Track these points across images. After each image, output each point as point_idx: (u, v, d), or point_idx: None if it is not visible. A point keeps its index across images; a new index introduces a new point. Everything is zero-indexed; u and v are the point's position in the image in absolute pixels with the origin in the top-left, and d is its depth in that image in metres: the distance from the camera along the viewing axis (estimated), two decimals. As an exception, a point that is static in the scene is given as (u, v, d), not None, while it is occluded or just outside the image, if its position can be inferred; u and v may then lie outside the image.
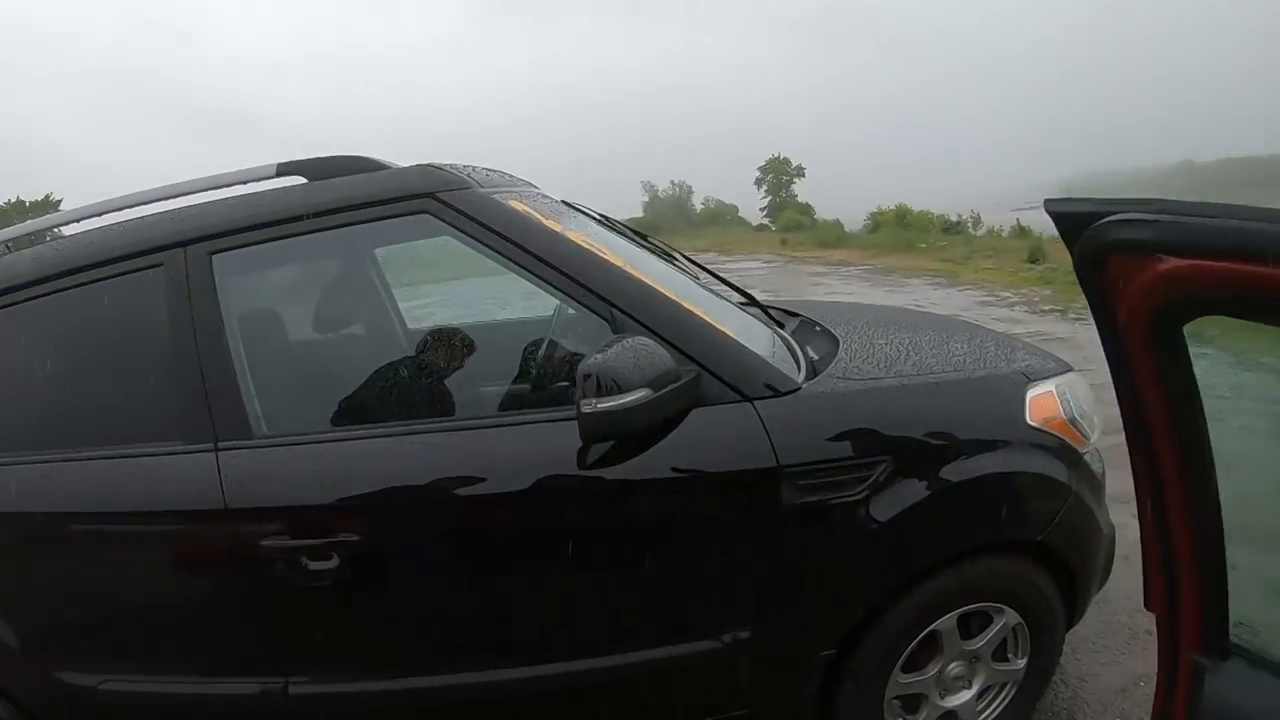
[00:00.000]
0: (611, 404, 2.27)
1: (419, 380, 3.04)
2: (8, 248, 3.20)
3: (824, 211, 52.53)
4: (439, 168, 2.76)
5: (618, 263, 2.70)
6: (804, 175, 72.99)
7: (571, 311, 2.89)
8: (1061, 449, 2.85)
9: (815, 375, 2.78)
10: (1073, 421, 2.91)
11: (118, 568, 2.69)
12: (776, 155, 73.61)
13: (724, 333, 2.64)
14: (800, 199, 67.46)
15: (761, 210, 70.30)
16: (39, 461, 2.70)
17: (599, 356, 2.30)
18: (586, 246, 2.71)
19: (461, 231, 2.64)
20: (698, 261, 3.81)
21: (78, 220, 3.19)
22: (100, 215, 3.10)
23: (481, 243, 2.63)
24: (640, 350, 2.35)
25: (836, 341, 3.15)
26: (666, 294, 2.66)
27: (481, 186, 2.74)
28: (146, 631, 2.73)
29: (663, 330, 2.51)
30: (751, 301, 3.81)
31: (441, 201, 2.64)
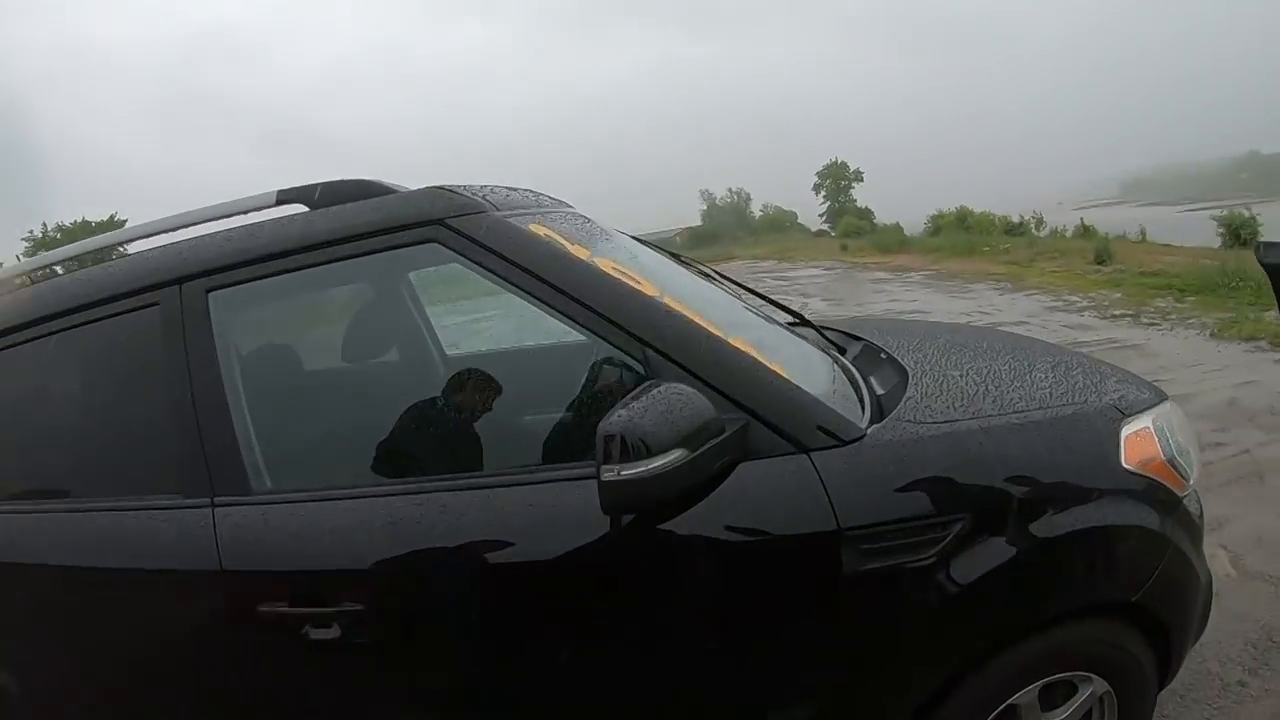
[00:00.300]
0: (638, 470, 1.96)
1: (438, 428, 2.78)
2: (31, 278, 3.06)
3: (884, 215, 53.37)
4: (451, 190, 2.50)
5: (653, 293, 2.40)
6: (862, 179, 73.23)
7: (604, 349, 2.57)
8: (1159, 494, 2.53)
9: (881, 416, 2.47)
10: (1171, 462, 2.58)
11: (108, 626, 2.50)
12: (835, 160, 73.94)
13: (775, 372, 2.32)
14: (859, 203, 67.59)
15: (820, 216, 71.13)
16: (32, 511, 2.57)
17: (623, 412, 2.00)
18: (617, 276, 2.40)
19: (473, 261, 2.38)
20: (744, 284, 3.48)
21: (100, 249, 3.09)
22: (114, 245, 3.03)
23: (495, 273, 2.36)
24: (674, 400, 2.05)
25: (904, 373, 2.82)
26: (709, 329, 2.35)
27: (499, 209, 2.47)
28: (137, 694, 2.55)
29: (704, 372, 2.22)
30: (804, 322, 3.50)
31: (451, 228, 2.39)
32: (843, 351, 3.25)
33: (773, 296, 3.71)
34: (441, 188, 2.51)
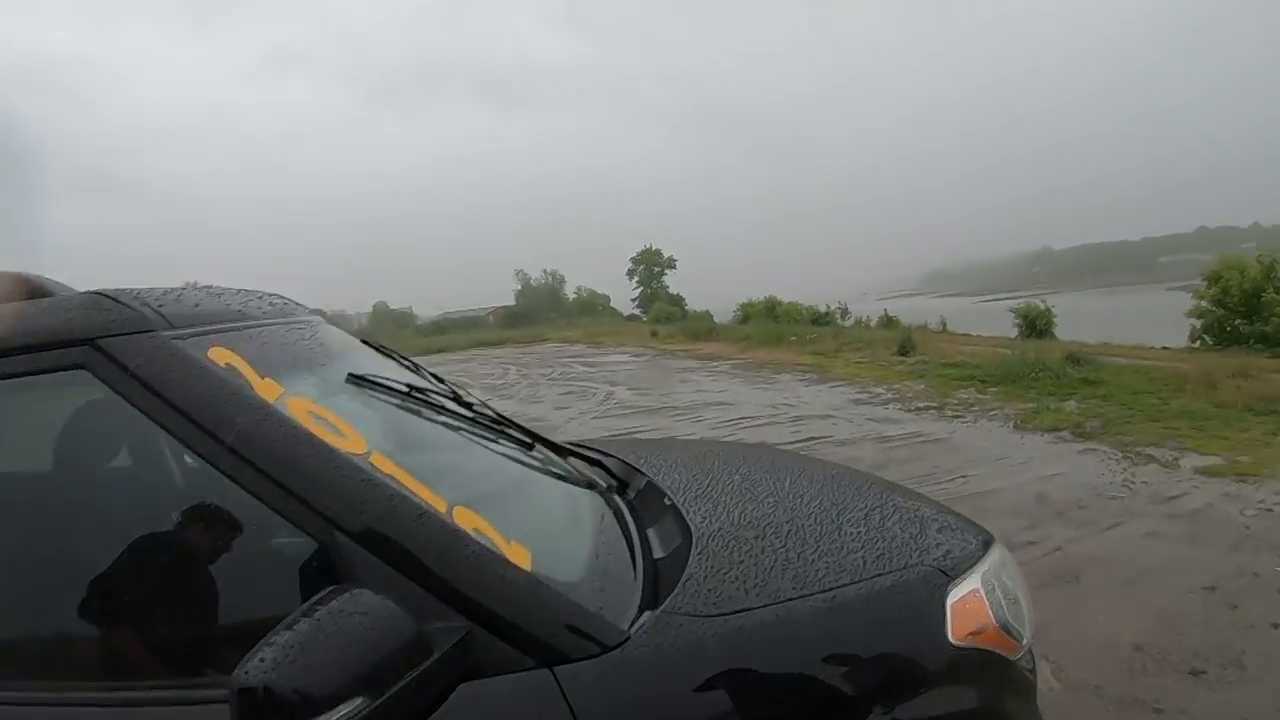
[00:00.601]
0: None
1: (114, 612, 1.93)
2: None
3: (695, 303, 54.21)
4: (113, 299, 1.88)
5: (358, 449, 1.82)
6: (675, 267, 74.12)
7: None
8: (992, 664, 2.12)
9: (656, 600, 1.94)
10: (1005, 627, 2.17)
11: None
12: (649, 246, 74.64)
13: (509, 561, 1.76)
14: (672, 290, 68.52)
15: (633, 300, 72.06)
16: None
17: (268, 653, 1.40)
18: (310, 423, 1.81)
19: (125, 397, 1.76)
20: (515, 421, 2.89)
21: None
22: None
23: (151, 415, 1.75)
24: (353, 621, 1.47)
25: (688, 532, 2.32)
26: (425, 500, 1.78)
27: (173, 327, 1.87)
28: None
29: (411, 565, 1.66)
30: (568, 451, 2.95)
31: (104, 351, 1.77)
32: (623, 488, 2.76)
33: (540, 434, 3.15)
34: (102, 294, 1.89)
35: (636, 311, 65.78)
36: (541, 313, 62.76)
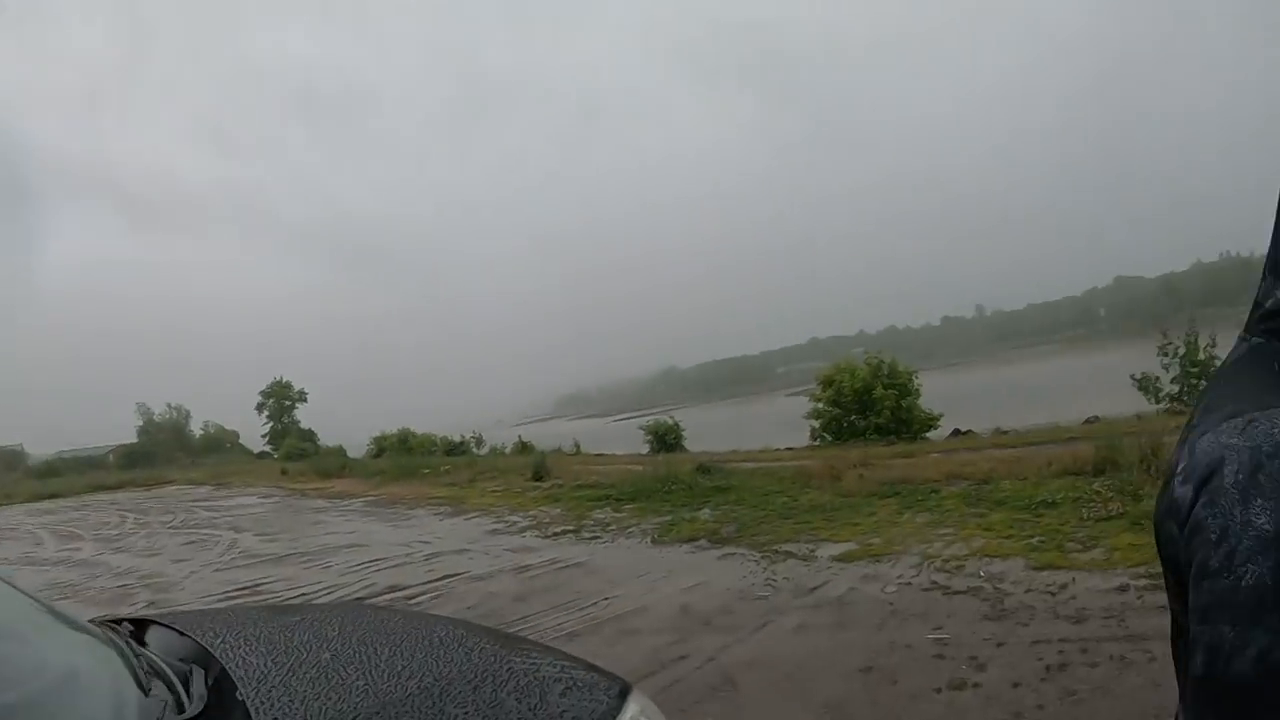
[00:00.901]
0: None
1: None
2: None
3: (327, 437, 53.13)
4: None
5: None
6: (307, 400, 71.79)
7: None
8: None
9: None
10: None
11: None
12: (279, 379, 71.95)
13: None
14: (303, 424, 66.24)
15: (263, 436, 69.19)
16: None
17: None
18: None
19: None
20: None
21: None
22: None
23: None
24: None
25: None
26: None
27: None
28: None
29: None
30: (141, 627, 2.46)
31: None
32: (204, 677, 2.19)
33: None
34: None
35: (267, 448, 63.10)
36: (166, 451, 59.34)
